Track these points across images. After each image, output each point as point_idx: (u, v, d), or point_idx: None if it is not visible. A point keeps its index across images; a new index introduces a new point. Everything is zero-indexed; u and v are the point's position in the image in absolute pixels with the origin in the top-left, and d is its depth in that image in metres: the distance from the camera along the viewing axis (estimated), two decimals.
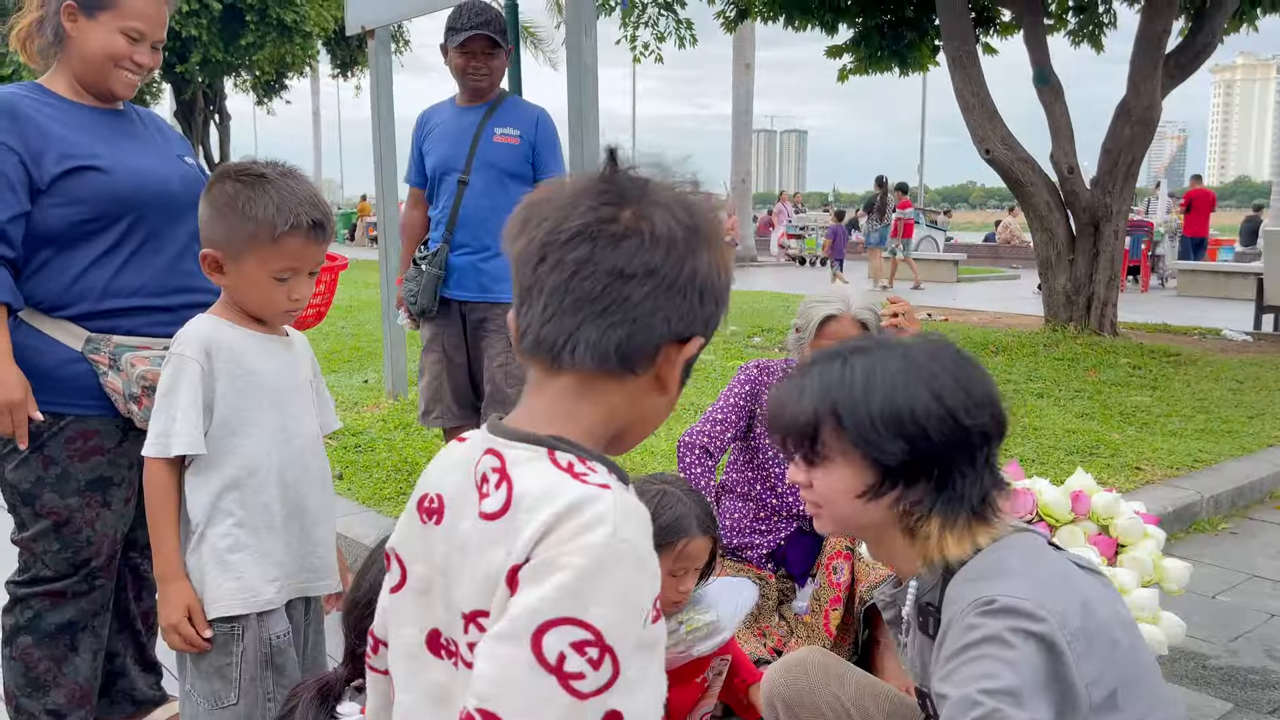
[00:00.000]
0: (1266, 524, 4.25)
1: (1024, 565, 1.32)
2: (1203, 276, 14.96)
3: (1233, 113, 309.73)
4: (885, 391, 1.36)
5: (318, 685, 1.50)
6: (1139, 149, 8.18)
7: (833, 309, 2.56)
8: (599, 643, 0.84)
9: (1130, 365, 7.29)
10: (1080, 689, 1.23)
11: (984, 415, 1.37)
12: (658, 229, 0.92)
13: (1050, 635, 1.23)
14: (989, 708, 1.18)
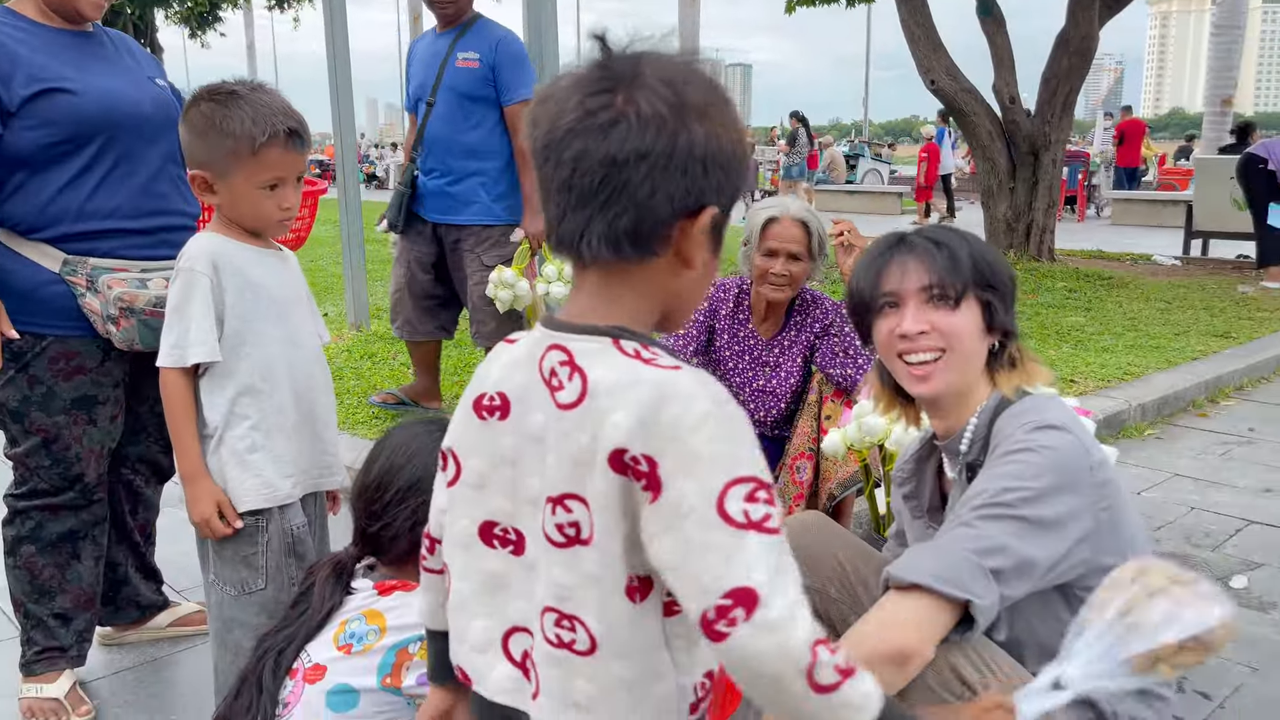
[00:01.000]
0: (1189, 429, 4.56)
1: (1063, 410, 1.53)
2: (1136, 205, 15.40)
3: (1168, 45, 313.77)
4: (981, 244, 1.63)
5: (332, 564, 1.64)
6: (1076, 79, 8.41)
7: (773, 212, 2.75)
8: (761, 483, 0.91)
9: (1067, 289, 7.59)
10: (1093, 504, 1.41)
11: (1005, 267, 1.65)
12: (643, 110, 0.92)
13: (1078, 439, 1.43)
14: (1010, 495, 1.37)
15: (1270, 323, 6.47)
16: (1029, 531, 1.36)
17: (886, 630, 1.32)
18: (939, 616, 1.32)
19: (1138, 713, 1.48)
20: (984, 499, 1.39)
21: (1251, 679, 2.41)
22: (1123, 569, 1.27)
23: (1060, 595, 1.46)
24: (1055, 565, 1.39)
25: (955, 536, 1.37)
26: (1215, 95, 17.15)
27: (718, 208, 0.98)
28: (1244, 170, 8.41)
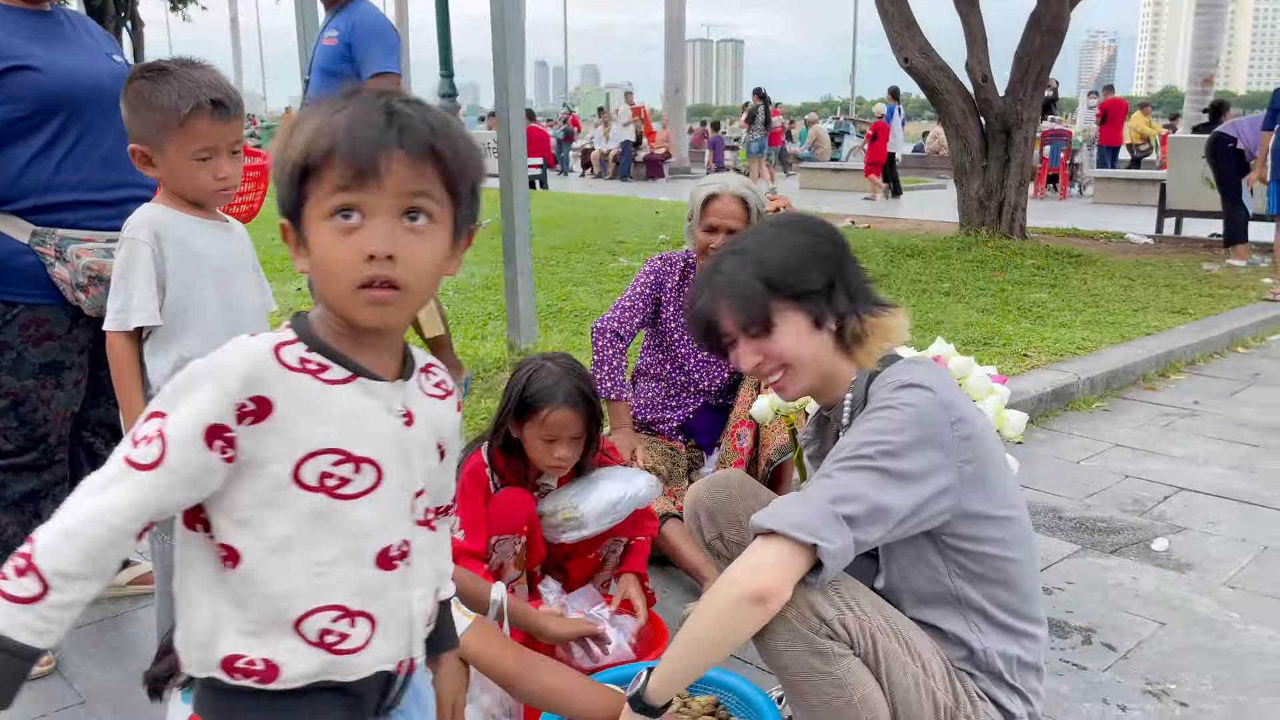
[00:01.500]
0: (1136, 402, 4.70)
1: (928, 369, 1.63)
2: (1117, 184, 15.49)
3: (1161, 23, 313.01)
4: (781, 246, 1.66)
5: None
6: (1048, 58, 8.49)
7: (713, 189, 2.85)
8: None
9: (1035, 266, 7.72)
10: (955, 458, 1.51)
11: (836, 235, 1.71)
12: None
13: (937, 395, 1.53)
14: (868, 449, 1.47)
15: (1229, 300, 6.61)
16: (885, 481, 1.47)
17: (748, 573, 1.45)
18: (793, 560, 1.44)
19: (1006, 648, 1.61)
20: (846, 452, 1.51)
21: (1158, 633, 2.54)
22: None
23: (931, 543, 1.58)
24: (915, 513, 1.49)
25: (817, 486, 1.49)
26: (1198, 74, 17.28)
27: (294, 216, 1.05)
28: (1213, 149, 8.52)
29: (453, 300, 6.28)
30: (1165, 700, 2.24)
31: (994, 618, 1.59)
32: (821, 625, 1.48)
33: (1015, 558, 1.59)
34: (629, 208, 13.42)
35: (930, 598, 1.60)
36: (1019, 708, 1.61)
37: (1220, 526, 3.23)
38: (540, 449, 2.20)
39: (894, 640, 1.53)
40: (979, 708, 1.57)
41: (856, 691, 1.49)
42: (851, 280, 1.66)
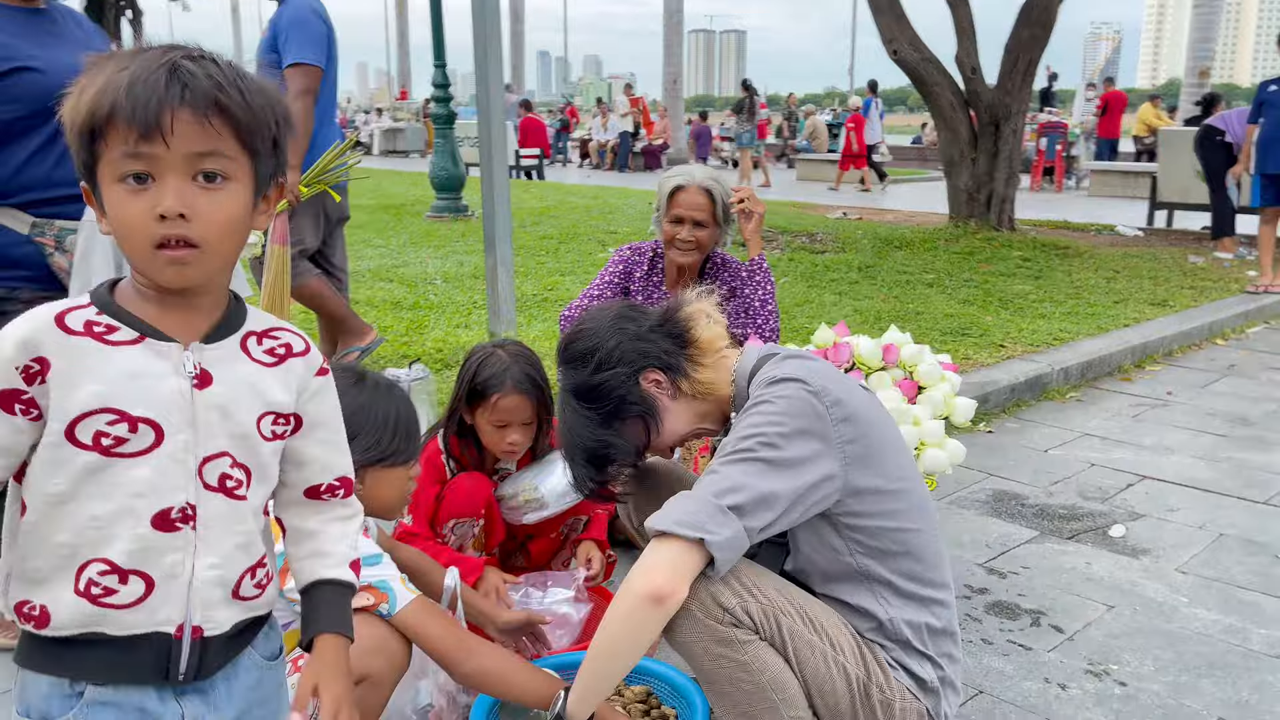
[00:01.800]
0: (1111, 393, 4.75)
1: (797, 362, 1.68)
2: (1113, 176, 15.50)
3: (1166, 15, 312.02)
4: (579, 437, 1.80)
5: None
6: (1037, 50, 8.52)
7: (679, 180, 2.90)
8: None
9: (1021, 258, 7.76)
10: (834, 438, 1.57)
11: (597, 357, 1.76)
12: None
13: (811, 387, 1.58)
14: (748, 442, 1.54)
15: (1211, 292, 6.65)
16: (767, 469, 1.52)
17: (643, 576, 1.50)
18: (685, 556, 1.49)
19: (914, 617, 1.65)
20: (728, 448, 1.57)
21: (1105, 615, 2.60)
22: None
23: (829, 524, 1.63)
24: (801, 498, 1.54)
25: (703, 483, 1.55)
26: (1194, 67, 17.28)
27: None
28: (1201, 142, 8.54)
29: (440, 289, 6.34)
30: (1105, 680, 2.29)
31: (900, 588, 1.64)
32: (724, 614, 1.53)
33: (914, 528, 1.64)
34: (623, 198, 13.45)
35: (837, 575, 1.66)
36: (930, 673, 1.66)
37: (1179, 514, 3.28)
38: (492, 434, 2.26)
39: (798, 620, 1.58)
40: (890, 676, 1.63)
41: (765, 674, 1.55)
42: (657, 358, 1.74)
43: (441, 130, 10.39)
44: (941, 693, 1.70)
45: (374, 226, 9.64)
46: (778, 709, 1.57)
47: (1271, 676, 2.31)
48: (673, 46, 23.71)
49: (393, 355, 4.56)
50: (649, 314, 1.80)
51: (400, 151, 25.43)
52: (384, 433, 1.78)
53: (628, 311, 1.80)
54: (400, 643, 1.67)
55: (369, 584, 1.65)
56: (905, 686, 1.64)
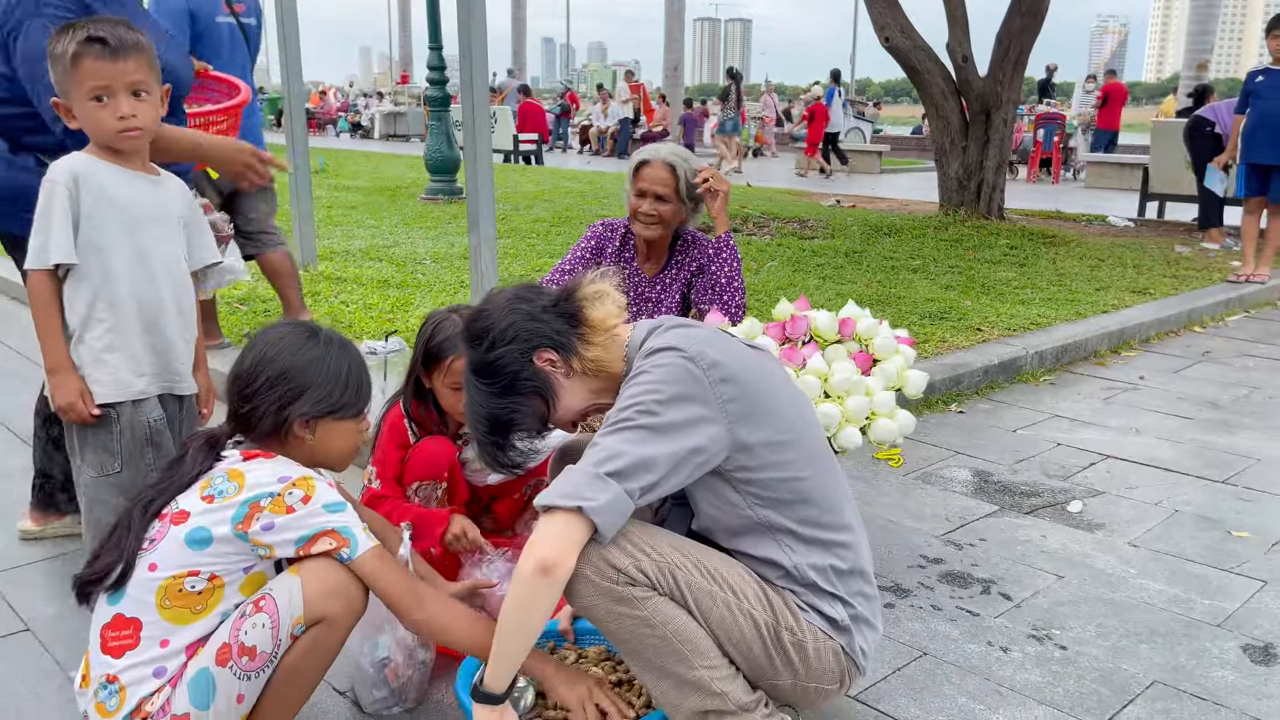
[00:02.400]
0: (1085, 377, 4.82)
1: (677, 331, 1.73)
2: (1109, 168, 15.53)
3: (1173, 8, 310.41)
4: (479, 412, 1.82)
5: (205, 436, 1.85)
6: (1028, 39, 8.55)
7: (645, 156, 2.99)
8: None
9: (1008, 246, 7.81)
10: (714, 399, 1.62)
11: (491, 339, 1.78)
12: None
13: (687, 353, 1.63)
14: (625, 413, 1.60)
15: (1193, 281, 6.71)
16: (646, 435, 1.58)
17: (530, 550, 1.56)
18: (569, 527, 1.55)
19: (817, 560, 1.72)
20: (609, 421, 1.63)
21: (1054, 584, 2.68)
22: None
23: (723, 481, 1.69)
24: (683, 460, 1.60)
25: (585, 456, 1.61)
26: (1193, 59, 17.28)
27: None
28: (1190, 133, 8.58)
29: (429, 269, 6.40)
30: (1046, 644, 2.37)
31: (801, 534, 1.70)
32: (618, 574, 1.60)
33: (805, 475, 1.70)
34: (619, 184, 13.49)
35: (739, 529, 1.72)
36: (841, 612, 1.72)
37: (1137, 491, 3.36)
38: (449, 396, 2.32)
39: (695, 573, 1.64)
40: (801, 618, 1.70)
41: (668, 626, 1.61)
42: (547, 338, 1.78)
43: (436, 113, 10.43)
44: (854, 629, 1.75)
45: (368, 208, 9.70)
46: (688, 659, 1.63)
47: (1210, 644, 2.38)
48: (674, 34, 23.69)
49: (376, 331, 4.63)
50: (546, 294, 1.84)
51: (400, 135, 25.45)
52: (335, 385, 1.84)
53: (525, 292, 1.84)
54: (359, 589, 1.74)
55: (332, 529, 1.72)
56: (817, 627, 1.71)
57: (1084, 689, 2.18)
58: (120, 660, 1.67)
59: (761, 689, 1.74)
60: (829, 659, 1.73)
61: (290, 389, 1.81)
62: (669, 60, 23.73)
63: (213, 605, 1.71)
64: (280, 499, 1.71)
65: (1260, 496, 3.32)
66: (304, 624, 1.70)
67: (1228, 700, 2.15)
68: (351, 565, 1.74)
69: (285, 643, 1.70)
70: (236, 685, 1.67)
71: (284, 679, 1.72)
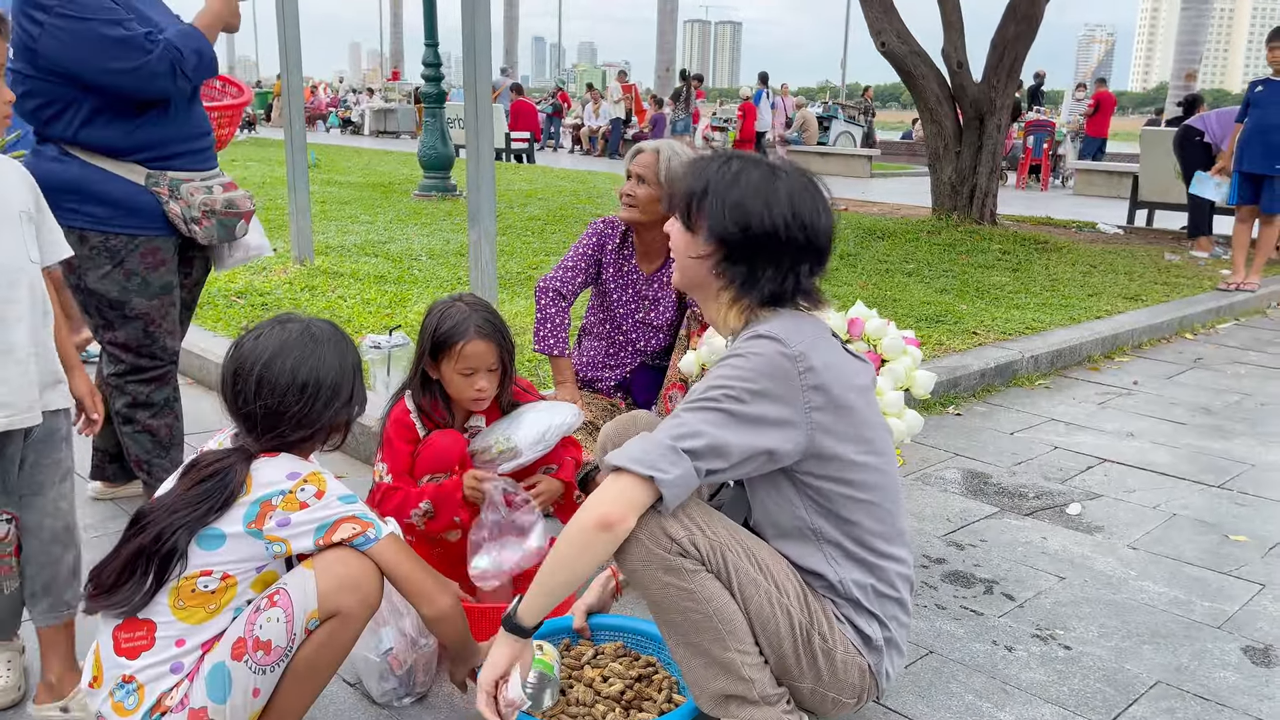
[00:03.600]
0: (1079, 381, 4.85)
1: (784, 322, 1.72)
2: (1097, 175, 15.64)
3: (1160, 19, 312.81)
4: (741, 190, 1.72)
5: (243, 455, 1.75)
6: (1023, 46, 8.59)
7: (642, 145, 3.01)
8: None
9: (1000, 251, 7.86)
10: (801, 402, 1.62)
11: (799, 234, 1.71)
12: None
13: (785, 347, 1.62)
14: (715, 392, 1.61)
15: (1183, 289, 6.77)
16: (726, 420, 1.59)
17: (595, 504, 1.59)
18: (635, 490, 1.57)
19: (862, 578, 1.74)
20: (695, 395, 1.64)
21: (1055, 585, 2.70)
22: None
23: (788, 480, 1.70)
24: (754, 455, 1.61)
25: (664, 425, 1.62)
26: (1181, 69, 17.42)
27: None
28: (1180, 142, 8.65)
29: (425, 265, 6.39)
30: (1051, 644, 2.39)
31: (850, 552, 1.71)
32: (672, 544, 1.62)
33: (869, 499, 1.71)
34: (612, 183, 13.50)
35: (790, 531, 1.73)
36: (876, 631, 1.74)
37: (1135, 495, 3.39)
38: (460, 383, 2.32)
39: (744, 559, 1.66)
40: (835, 628, 1.71)
41: (711, 604, 1.63)
42: (760, 268, 1.71)
43: (431, 110, 10.41)
44: (885, 652, 1.77)
45: (362, 203, 9.67)
46: (724, 640, 1.64)
47: (1211, 645, 2.41)
48: (666, 35, 23.75)
49: (375, 326, 4.62)
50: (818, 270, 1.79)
51: (391, 132, 25.37)
52: (358, 381, 1.85)
53: (826, 252, 1.77)
54: (373, 582, 1.74)
55: (353, 515, 1.72)
56: (849, 640, 1.72)
57: (1089, 688, 2.20)
58: (136, 661, 1.66)
59: (784, 686, 1.75)
60: (854, 673, 1.74)
61: (343, 400, 1.81)
62: (661, 61, 23.78)
63: (225, 603, 1.71)
64: (293, 495, 1.70)
65: (1256, 501, 3.35)
66: (318, 618, 1.70)
67: (1230, 701, 2.17)
68: (371, 552, 1.74)
69: (300, 637, 1.70)
70: (252, 679, 1.67)
71: (299, 672, 1.72)
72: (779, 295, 1.74)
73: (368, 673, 2.08)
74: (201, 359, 4.31)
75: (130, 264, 2.61)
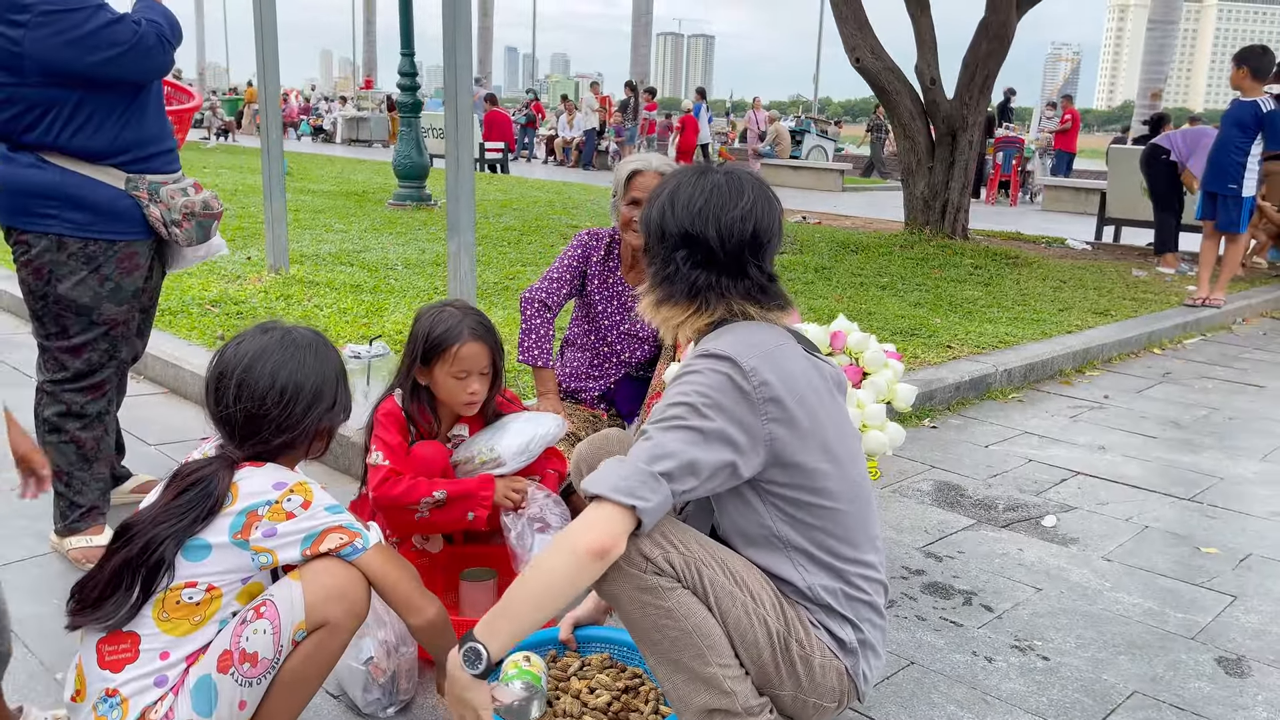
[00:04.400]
0: (1052, 395, 4.92)
1: (739, 335, 1.73)
2: (1065, 192, 15.89)
3: (1124, 38, 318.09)
4: (668, 203, 1.78)
5: (225, 462, 1.74)
6: (994, 64, 8.72)
7: (637, 165, 3.00)
8: None
9: (972, 265, 7.95)
10: (758, 420, 1.63)
11: (712, 230, 1.74)
12: None
13: (741, 366, 1.63)
14: (679, 410, 1.62)
15: (1151, 304, 6.88)
16: (695, 439, 1.60)
17: (587, 531, 1.56)
18: (621, 518, 1.56)
19: (830, 583, 1.74)
20: (659, 414, 1.64)
21: (1033, 597, 2.73)
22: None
23: (753, 490, 1.71)
24: (720, 469, 1.62)
25: (637, 449, 1.62)
26: (1147, 88, 17.73)
27: None
28: (1147, 160, 8.81)
29: (401, 274, 6.37)
30: (1029, 654, 2.42)
31: (817, 558, 1.72)
32: (647, 564, 1.62)
33: (837, 507, 1.72)
34: (587, 194, 13.53)
35: (757, 539, 1.74)
36: (850, 635, 1.75)
37: (1108, 507, 3.44)
38: (453, 387, 2.33)
39: (719, 572, 1.66)
40: (811, 633, 1.72)
41: (690, 620, 1.63)
42: (693, 271, 1.76)
43: (407, 119, 10.39)
44: (860, 654, 1.78)
45: (336, 212, 9.62)
46: (704, 655, 1.65)
47: (1185, 656, 2.45)
48: (640, 48, 23.84)
49: (352, 335, 4.59)
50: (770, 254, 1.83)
51: (363, 140, 25.28)
52: (341, 388, 1.84)
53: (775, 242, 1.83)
54: (360, 592, 1.73)
55: (339, 524, 1.72)
56: (825, 645, 1.73)
57: (1067, 698, 2.23)
58: (120, 674, 1.64)
59: (766, 696, 1.76)
60: (832, 678, 1.75)
61: (325, 406, 1.81)
62: (635, 73, 23.85)
63: (210, 615, 1.69)
64: (279, 506, 1.69)
65: (1225, 514, 3.41)
66: (305, 629, 1.69)
67: (1205, 710, 2.21)
68: (358, 562, 1.73)
69: (287, 648, 1.68)
70: (238, 691, 1.66)
71: (286, 684, 1.70)
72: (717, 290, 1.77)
73: (351, 683, 2.07)
74: (176, 368, 4.27)
75: (106, 269, 2.58)
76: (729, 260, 1.77)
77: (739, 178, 1.83)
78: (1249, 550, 3.11)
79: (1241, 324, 7.13)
